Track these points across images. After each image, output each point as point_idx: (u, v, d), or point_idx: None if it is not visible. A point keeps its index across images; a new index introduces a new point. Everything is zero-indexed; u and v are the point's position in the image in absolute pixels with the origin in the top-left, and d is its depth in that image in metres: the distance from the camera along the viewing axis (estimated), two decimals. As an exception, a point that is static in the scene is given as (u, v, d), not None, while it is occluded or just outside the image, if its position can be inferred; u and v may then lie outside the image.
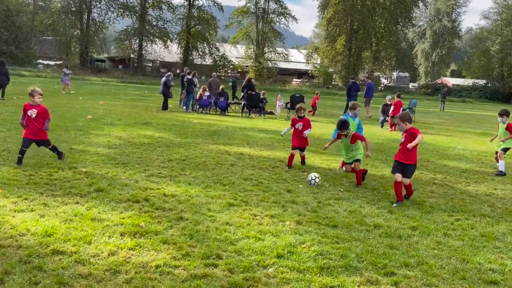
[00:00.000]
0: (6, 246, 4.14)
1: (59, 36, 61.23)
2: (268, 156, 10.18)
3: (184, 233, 4.84)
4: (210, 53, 63.19)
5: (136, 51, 63.24)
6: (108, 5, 62.09)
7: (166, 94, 20.44)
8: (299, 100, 20.85)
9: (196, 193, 6.55)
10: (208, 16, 62.01)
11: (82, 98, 23.70)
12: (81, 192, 6.15)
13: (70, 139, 10.47)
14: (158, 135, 12.10)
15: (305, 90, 48.67)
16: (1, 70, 20.18)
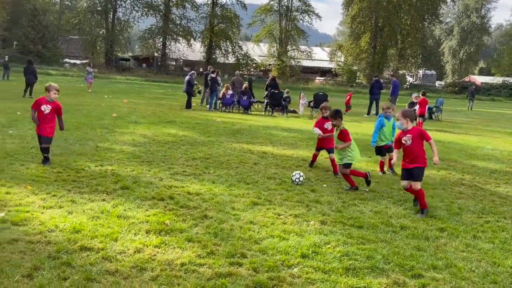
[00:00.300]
0: (35, 242, 4.25)
1: (85, 35, 62.42)
2: (291, 155, 10.15)
3: (209, 232, 4.87)
4: (233, 52, 63.40)
5: (160, 50, 63.95)
6: (132, 4, 62.97)
7: (190, 92, 20.61)
8: (322, 98, 20.72)
9: (220, 192, 6.58)
10: (231, 14, 62.21)
11: (107, 96, 24.10)
12: (107, 190, 6.25)
13: (96, 137, 10.65)
14: (182, 134, 12.21)
15: (328, 88, 48.41)
16: (29, 69, 20.71)
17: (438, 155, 6.12)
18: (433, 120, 22.47)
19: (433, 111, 23.04)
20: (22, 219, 4.80)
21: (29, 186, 6.07)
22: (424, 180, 8.11)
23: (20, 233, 4.43)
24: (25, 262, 3.82)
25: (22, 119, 12.54)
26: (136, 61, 74.04)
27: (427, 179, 8.35)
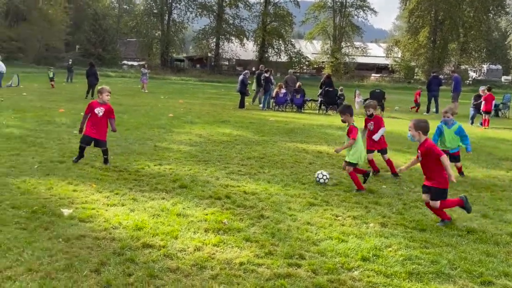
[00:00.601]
0: (101, 238, 4.45)
1: (141, 37, 64.63)
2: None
3: (266, 232, 4.90)
4: (285, 50, 63.33)
5: (213, 50, 65.00)
6: (187, 6, 64.45)
7: (243, 92, 20.80)
8: (379, 96, 20.27)
9: (275, 191, 6.59)
10: (284, 12, 62.17)
11: (163, 97, 24.81)
12: (166, 188, 6.44)
13: (154, 136, 10.99)
14: (236, 133, 12.35)
15: (385, 85, 47.19)
16: (91, 71, 21.72)
17: (452, 171, 5.35)
18: (500, 117, 21.34)
19: (500, 108, 21.86)
20: (88, 216, 5.04)
21: (93, 185, 6.37)
22: (492, 182, 7.76)
23: (87, 230, 4.65)
24: (92, 257, 4.01)
25: (85, 119, 13.16)
26: (190, 61, 75.73)
27: (496, 180, 7.95)
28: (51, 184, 6.26)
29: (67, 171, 7.07)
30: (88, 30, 63.13)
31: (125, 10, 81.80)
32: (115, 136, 10.46)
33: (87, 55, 59.80)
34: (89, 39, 62.21)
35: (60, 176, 6.76)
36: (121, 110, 16.23)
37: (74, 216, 5.01)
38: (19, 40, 54.52)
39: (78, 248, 4.18)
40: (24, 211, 5.10)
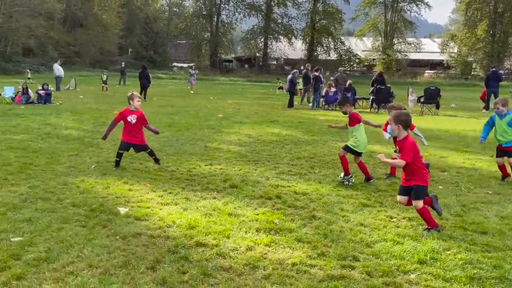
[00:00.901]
0: (156, 237, 4.59)
1: (191, 39, 65.99)
2: (401, 154, 9.73)
3: (318, 232, 4.86)
4: (335, 48, 62.63)
5: (261, 49, 65.27)
6: (235, 6, 65.10)
7: (292, 91, 20.76)
8: (434, 93, 19.62)
9: (327, 192, 6.54)
10: (333, 9, 61.48)
11: (212, 97, 25.21)
12: (217, 188, 6.54)
13: (204, 137, 11.19)
14: (285, 133, 12.35)
15: (440, 82, 45.57)
16: (143, 74, 22.42)
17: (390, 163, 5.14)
18: None
19: None
20: (143, 215, 5.21)
21: (148, 184, 6.58)
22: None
23: (143, 228, 4.81)
24: (148, 255, 4.14)
25: (138, 121, 13.60)
26: (238, 62, 76.45)
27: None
28: (108, 184, 6.52)
29: (122, 171, 7.34)
30: (140, 34, 65.20)
31: (175, 12, 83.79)
32: (167, 137, 10.77)
33: (139, 58, 61.81)
34: (140, 42, 64.25)
35: (116, 175, 7.03)
36: (172, 112, 16.67)
37: (130, 215, 5.20)
38: (76, 45, 57.13)
39: (134, 245, 4.34)
40: (83, 209, 5.35)
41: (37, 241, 4.36)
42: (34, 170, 7.17)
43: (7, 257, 3.97)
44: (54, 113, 15.03)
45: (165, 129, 12.08)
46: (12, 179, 6.61)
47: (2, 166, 7.35)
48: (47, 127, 11.79)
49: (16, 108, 16.27)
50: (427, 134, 12.69)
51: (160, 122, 13.44)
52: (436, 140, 11.01)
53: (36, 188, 6.16)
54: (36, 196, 5.80)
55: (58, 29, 54.67)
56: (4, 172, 6.95)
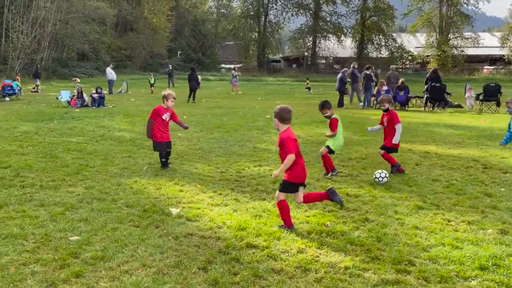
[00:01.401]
0: (207, 237, 4.67)
1: (239, 40, 66.70)
2: (458, 154, 9.39)
3: (371, 236, 4.78)
4: (386, 45, 61.33)
5: (310, 48, 64.93)
6: (283, 6, 65.12)
7: (342, 90, 20.50)
8: (494, 90, 18.81)
9: (380, 194, 6.41)
10: (384, 5, 60.24)
11: (260, 98, 25.33)
12: (266, 189, 6.57)
13: (252, 138, 11.26)
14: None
15: (500, 78, 43.47)
16: (192, 76, 22.86)
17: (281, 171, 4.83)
18: None
19: None
20: (194, 215, 5.32)
21: (198, 185, 6.71)
22: None
23: (194, 228, 4.91)
24: (200, 255, 4.22)
25: (188, 122, 13.89)
26: (286, 62, 76.44)
27: None
28: (159, 185, 6.70)
29: (173, 172, 7.52)
30: (189, 36, 66.57)
31: (223, 14, 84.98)
32: (216, 138, 10.94)
33: (188, 60, 63.16)
34: (189, 44, 65.59)
35: (167, 177, 7.21)
36: (220, 113, 16.89)
37: (181, 215, 5.32)
38: (127, 48, 59.14)
39: (186, 246, 4.43)
40: (136, 209, 5.52)
41: (93, 240, 4.55)
42: (90, 171, 7.49)
43: (66, 255, 4.17)
44: (107, 116, 15.62)
45: (214, 131, 12.27)
46: (70, 180, 6.94)
47: (60, 167, 7.72)
48: (101, 130, 12.27)
49: (71, 111, 17.04)
50: (487, 133, 12.20)
51: (209, 124, 13.68)
52: (497, 140, 10.51)
53: (91, 189, 6.43)
54: (92, 196, 6.06)
55: (110, 34, 56.82)
56: (62, 173, 7.30)
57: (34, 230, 4.79)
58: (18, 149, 9.36)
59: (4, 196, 6.01)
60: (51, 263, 4.01)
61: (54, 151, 9.10)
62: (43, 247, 4.35)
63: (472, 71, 54.92)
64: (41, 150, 9.27)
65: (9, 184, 6.61)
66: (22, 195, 6.04)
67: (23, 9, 40.07)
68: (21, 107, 18.43)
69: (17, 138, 10.69)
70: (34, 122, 13.56)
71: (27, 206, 5.58)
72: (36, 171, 7.40)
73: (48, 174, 7.23)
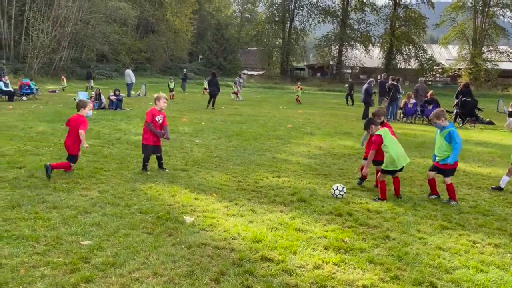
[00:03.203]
0: (221, 248, 4.70)
1: (262, 46, 67.04)
2: (488, 174, 9.27)
3: (392, 254, 4.75)
4: (416, 56, 60.91)
5: (336, 57, 64.83)
6: (309, 12, 65.27)
7: (368, 102, 20.41)
8: (529, 107, 18.45)
9: (403, 211, 6.36)
10: (415, 15, 59.90)
11: (282, 107, 25.39)
12: (284, 201, 6.58)
13: (272, 147, 11.30)
14: (358, 146, 12.13)
15: (536, 95, 42.64)
16: (213, 81, 23.06)
17: None
18: None
19: None
20: (208, 225, 5.37)
21: (214, 194, 6.76)
22: None
23: (208, 238, 4.95)
24: (212, 266, 4.25)
25: (207, 129, 14.03)
26: (310, 70, 76.46)
27: None
28: (174, 192, 6.78)
29: (189, 179, 7.60)
30: (211, 40, 67.25)
31: (247, 19, 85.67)
32: (234, 147, 11.01)
33: (209, 65, 63.74)
34: (211, 48, 66.24)
35: (182, 184, 7.29)
36: (240, 120, 16.99)
37: (195, 224, 5.37)
38: (147, 51, 60.03)
39: (199, 255, 4.47)
40: (150, 216, 5.60)
41: (105, 245, 4.63)
42: (104, 175, 7.62)
43: (77, 259, 4.25)
44: (124, 119, 15.87)
45: (233, 138, 12.35)
46: (84, 183, 7.07)
47: (75, 169, 7.87)
48: (118, 133, 12.47)
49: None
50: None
51: (228, 131, 13.77)
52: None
53: (105, 193, 6.54)
54: (105, 200, 6.16)
55: (131, 35, 57.77)
56: (76, 176, 7.44)
57: (46, 232, 4.90)
58: (33, 149, 9.58)
59: (17, 196, 6.16)
60: (62, 267, 4.09)
61: (69, 153, 9.28)
62: (54, 250, 4.45)
63: (506, 87, 54.02)
64: (56, 151, 9.47)
65: (23, 184, 6.77)
66: (35, 196, 6.18)
67: (45, 7, 41.10)
68: (37, 107, 18.85)
69: (33, 138, 10.95)
70: (51, 123, 13.85)
71: (39, 208, 5.71)
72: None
73: (62, 176, 7.38)
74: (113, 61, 54.26)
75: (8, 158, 8.48)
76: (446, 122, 6.99)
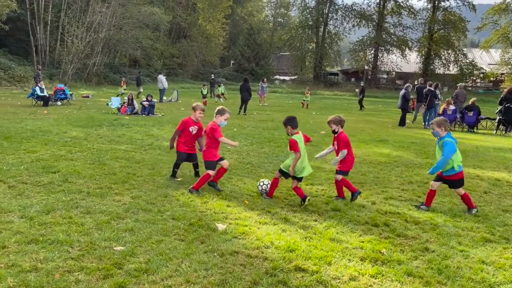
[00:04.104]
0: (253, 257, 4.71)
1: (295, 51, 67.06)
2: (535, 184, 8.97)
3: (431, 267, 4.65)
4: (455, 61, 59.69)
5: (371, 62, 64.22)
6: (344, 16, 64.93)
7: (405, 108, 20.11)
8: None
9: (442, 222, 6.22)
10: (455, 18, 58.72)
11: (315, 113, 25.28)
12: (318, 210, 6.54)
13: (306, 154, 11.23)
14: (395, 154, 11.98)
15: None
16: (245, 86, 23.18)
17: None
18: None
19: None
20: (241, 233, 5.38)
21: (246, 201, 6.78)
22: None
23: (240, 246, 4.97)
24: (245, 275, 4.26)
25: (238, 135, 14.10)
26: (344, 75, 75.92)
27: None
28: (206, 198, 6.83)
29: (221, 186, 7.63)
30: (243, 45, 67.70)
31: (279, 23, 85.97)
32: (266, 153, 11.02)
33: (241, 70, 64.16)
34: (243, 54, 66.67)
35: (214, 191, 7.33)
36: (272, 126, 17.00)
37: (228, 232, 5.40)
38: (179, 56, 60.94)
39: (232, 264, 4.49)
40: (182, 222, 5.66)
41: (138, 251, 4.70)
42: (137, 181, 7.75)
43: (110, 265, 4.34)
44: (156, 124, 16.13)
45: (265, 145, 12.36)
46: (116, 188, 7.21)
47: (108, 174, 8.05)
48: (150, 138, 12.68)
49: (121, 118, 17.72)
50: None
51: (259, 137, 13.80)
52: None
53: (138, 199, 6.65)
54: (138, 206, 6.27)
55: (163, 41, 58.78)
56: (109, 181, 7.60)
57: (80, 237, 5.01)
58: (67, 154, 9.84)
59: (52, 201, 6.33)
60: (95, 272, 4.18)
61: (102, 158, 9.50)
62: (87, 255, 4.55)
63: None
64: (90, 156, 9.70)
65: (57, 189, 6.96)
66: (69, 201, 6.34)
67: (79, 13, 42.35)
68: (71, 112, 19.37)
69: (66, 143, 11.25)
70: (84, 128, 14.21)
71: (73, 213, 5.85)
72: (83, 178, 7.75)
73: (96, 181, 7.55)
74: (145, 66, 55.30)
75: (43, 163, 8.74)
76: (445, 133, 6.82)
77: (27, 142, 10.98)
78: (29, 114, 17.41)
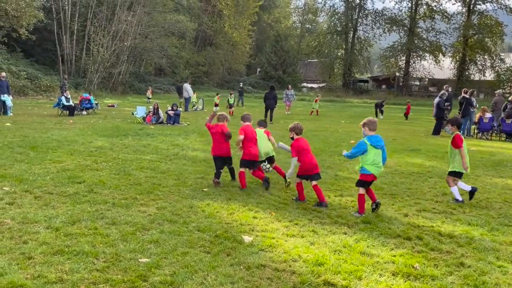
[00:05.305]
0: (281, 270, 4.70)
1: (323, 58, 66.92)
2: None
3: (467, 283, 4.55)
4: (492, 66, 58.52)
5: (402, 68, 63.57)
6: (374, 21, 64.57)
7: (441, 117, 19.80)
8: None
9: (479, 236, 6.09)
10: (492, 21, 57.69)
11: (344, 121, 25.15)
12: (348, 222, 6.49)
13: (334, 165, 11.19)
14: (429, 164, 11.81)
15: None
16: (271, 94, 23.26)
17: None
18: None
19: None
20: (268, 245, 5.38)
21: (273, 213, 6.78)
22: None
23: (267, 259, 4.97)
24: (272, 289, 4.26)
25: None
26: (375, 82, 75.32)
27: None
28: (232, 209, 6.87)
29: (247, 197, 7.67)
30: (269, 52, 67.98)
31: (307, 29, 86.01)
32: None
33: (267, 78, 64.37)
34: (269, 61, 66.93)
35: (240, 201, 7.37)
36: (300, 135, 16.95)
37: (254, 244, 5.40)
38: (205, 64, 61.56)
39: (258, 277, 4.49)
40: (208, 234, 5.70)
41: (163, 263, 4.75)
42: (162, 191, 7.85)
43: (135, 277, 4.39)
44: (182, 134, 16.30)
45: (293, 155, 12.33)
46: (142, 198, 7.31)
47: (133, 185, 8.17)
48: (175, 148, 12.82)
49: (146, 128, 17.98)
50: None
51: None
52: None
53: (163, 210, 6.73)
54: (163, 217, 6.34)
55: (189, 49, 59.53)
56: (134, 192, 7.72)
57: (105, 248, 5.10)
58: (93, 164, 10.03)
59: (78, 211, 6.46)
60: (120, 284, 4.24)
61: (128, 168, 9.66)
62: (113, 267, 4.62)
63: None
64: (115, 166, 9.87)
65: (83, 200, 7.10)
66: (95, 212, 6.46)
67: (105, 22, 43.30)
68: (97, 122, 19.76)
69: (92, 153, 11.47)
70: (109, 138, 14.47)
71: (99, 224, 5.96)
72: (109, 188, 7.89)
73: (121, 192, 7.68)
74: (171, 74, 56.05)
75: (69, 173, 8.93)
76: (371, 133, 7.10)
77: (53, 152, 11.25)
78: (55, 124, 17.83)
